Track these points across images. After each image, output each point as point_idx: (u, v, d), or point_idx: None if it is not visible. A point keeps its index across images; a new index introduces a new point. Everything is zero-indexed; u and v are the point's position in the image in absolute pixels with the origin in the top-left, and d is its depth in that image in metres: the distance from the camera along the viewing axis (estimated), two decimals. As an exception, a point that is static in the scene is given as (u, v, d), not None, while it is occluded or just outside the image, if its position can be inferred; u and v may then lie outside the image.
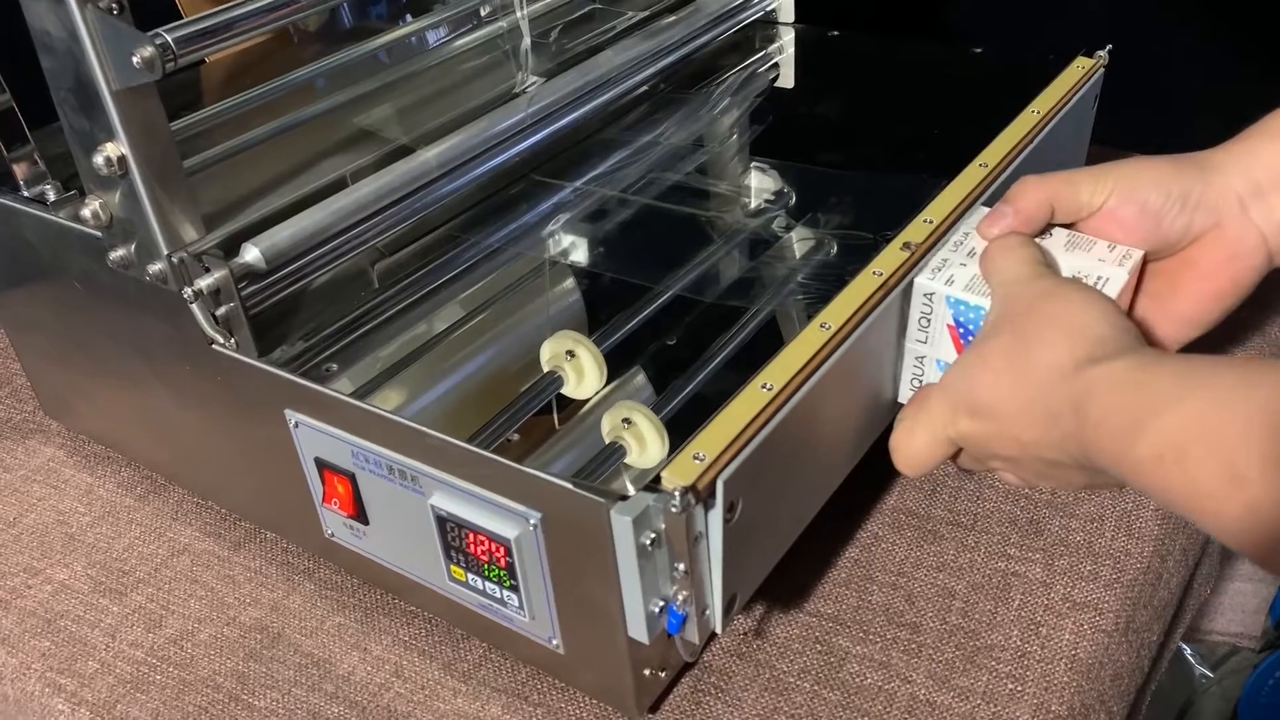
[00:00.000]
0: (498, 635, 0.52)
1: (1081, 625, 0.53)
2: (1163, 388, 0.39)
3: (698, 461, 0.42)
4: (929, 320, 0.52)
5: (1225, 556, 0.77)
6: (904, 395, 0.55)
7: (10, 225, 0.59)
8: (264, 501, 0.61)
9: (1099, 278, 0.50)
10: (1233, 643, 0.90)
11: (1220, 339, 0.69)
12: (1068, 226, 0.53)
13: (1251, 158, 0.50)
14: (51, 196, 0.57)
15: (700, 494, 0.41)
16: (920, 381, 0.54)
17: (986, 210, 0.53)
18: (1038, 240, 0.52)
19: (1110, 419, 0.40)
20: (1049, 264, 0.50)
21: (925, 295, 0.52)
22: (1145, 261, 0.52)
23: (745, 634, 0.54)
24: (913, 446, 0.48)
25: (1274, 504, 0.34)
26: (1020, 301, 0.47)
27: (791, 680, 0.52)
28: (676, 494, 0.40)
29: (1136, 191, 0.50)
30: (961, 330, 0.51)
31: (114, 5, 0.44)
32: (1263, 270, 0.51)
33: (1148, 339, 0.52)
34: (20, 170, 0.58)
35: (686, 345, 0.57)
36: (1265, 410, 0.35)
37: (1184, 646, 1.04)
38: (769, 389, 0.45)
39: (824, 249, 0.61)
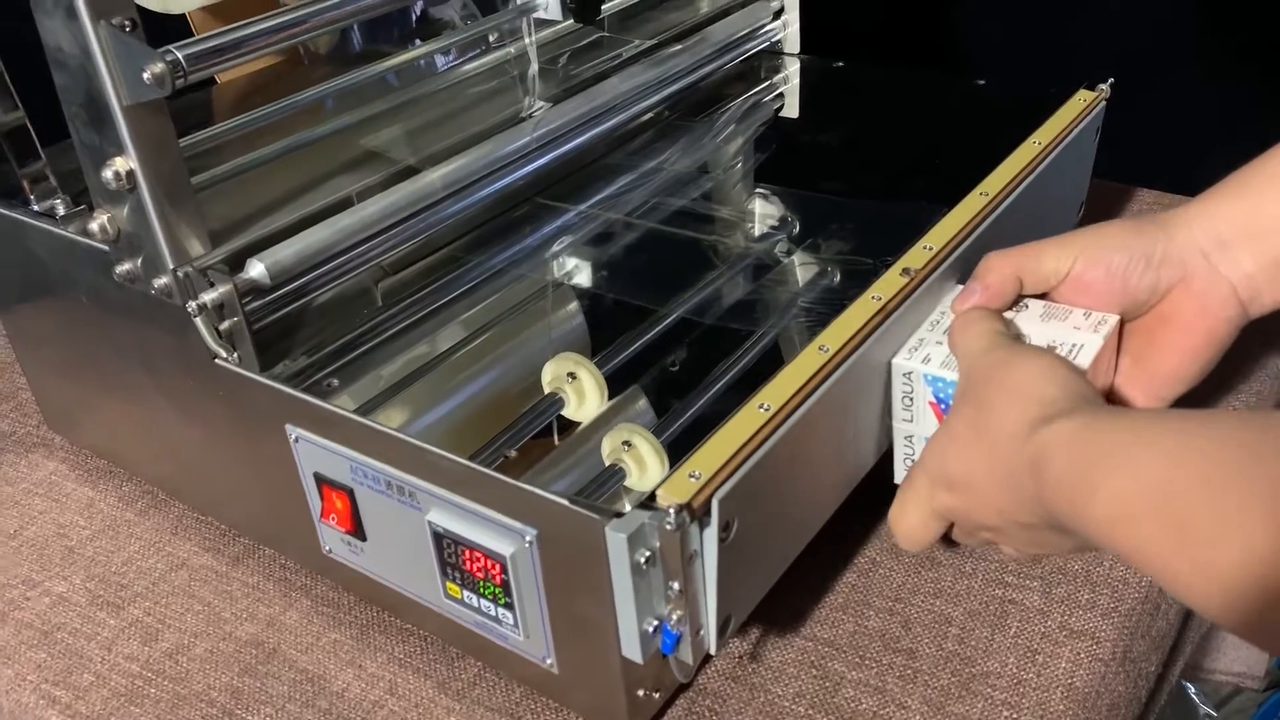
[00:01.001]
0: (492, 654, 0.52)
1: (1078, 654, 0.53)
2: (1111, 448, 0.38)
3: (693, 480, 0.42)
4: (911, 400, 0.53)
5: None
6: (899, 475, 0.55)
7: (19, 239, 0.60)
8: (263, 517, 0.61)
9: (1074, 345, 0.50)
10: (1236, 683, 0.90)
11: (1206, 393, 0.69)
12: (1041, 297, 0.54)
13: (1213, 213, 0.50)
14: (61, 211, 0.58)
15: (695, 512, 0.41)
16: (912, 460, 0.54)
17: (960, 288, 0.54)
18: (1014, 312, 0.53)
19: (1064, 480, 0.40)
20: (1011, 335, 0.50)
21: (904, 375, 0.52)
22: (1122, 324, 0.52)
23: (740, 657, 0.54)
24: (906, 524, 0.49)
25: (1226, 563, 0.33)
26: (978, 372, 0.48)
27: (786, 704, 0.51)
28: (671, 511, 0.40)
29: (1101, 255, 0.51)
30: (943, 406, 0.52)
31: (126, 22, 0.45)
32: (1237, 320, 0.50)
33: (1135, 399, 0.53)
34: (31, 185, 0.58)
35: (688, 369, 0.57)
36: (1210, 469, 0.35)
37: (1188, 685, 1.03)
38: (766, 409, 0.45)
39: (826, 274, 0.62)
